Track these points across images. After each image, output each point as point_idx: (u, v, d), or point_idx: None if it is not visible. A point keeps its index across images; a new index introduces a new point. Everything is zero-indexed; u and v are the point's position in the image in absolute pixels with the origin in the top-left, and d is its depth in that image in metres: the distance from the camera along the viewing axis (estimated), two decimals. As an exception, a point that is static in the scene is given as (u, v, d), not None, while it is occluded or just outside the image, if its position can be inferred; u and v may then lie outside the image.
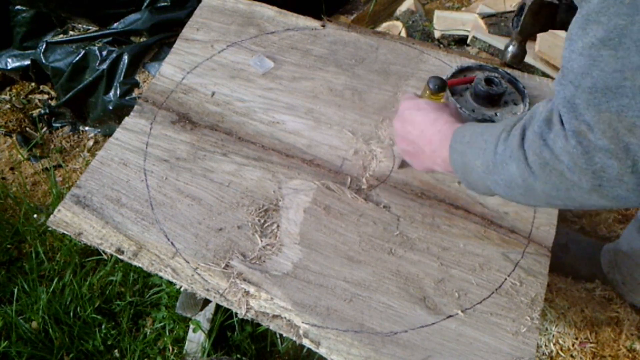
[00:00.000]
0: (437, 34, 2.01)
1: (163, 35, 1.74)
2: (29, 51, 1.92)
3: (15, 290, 1.41)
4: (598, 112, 0.52)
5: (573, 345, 1.30)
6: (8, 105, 1.96)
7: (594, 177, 0.55)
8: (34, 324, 1.36)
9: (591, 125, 0.53)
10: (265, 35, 1.25)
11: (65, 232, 0.93)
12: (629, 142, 0.51)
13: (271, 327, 0.85)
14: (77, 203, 0.97)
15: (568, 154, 0.56)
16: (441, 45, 1.92)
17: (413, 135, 0.87)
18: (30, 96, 2.02)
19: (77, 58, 1.75)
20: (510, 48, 1.03)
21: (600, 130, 0.52)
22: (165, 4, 1.75)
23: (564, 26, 0.98)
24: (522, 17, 0.95)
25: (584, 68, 0.52)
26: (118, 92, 1.70)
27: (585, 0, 0.52)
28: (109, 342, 1.34)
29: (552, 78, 1.42)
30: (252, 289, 0.87)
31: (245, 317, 0.86)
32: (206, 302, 1.08)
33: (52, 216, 0.95)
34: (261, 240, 0.93)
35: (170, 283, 1.22)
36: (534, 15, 0.97)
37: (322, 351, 0.82)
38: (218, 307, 1.25)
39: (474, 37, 1.88)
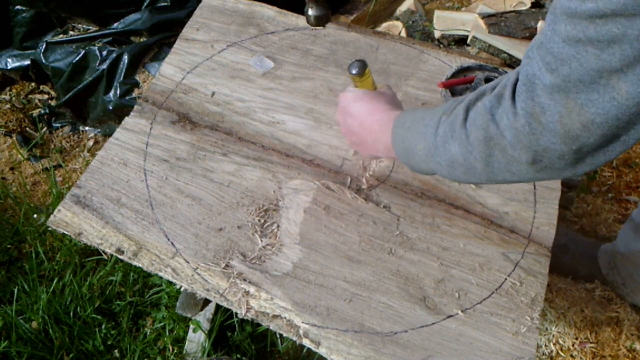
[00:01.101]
0: (437, 34, 2.01)
1: (163, 35, 1.74)
2: (29, 51, 1.92)
3: (15, 290, 1.41)
4: (566, 98, 0.54)
5: (573, 345, 1.30)
6: (8, 105, 1.96)
7: (535, 154, 0.58)
8: (34, 324, 1.35)
9: (545, 108, 0.55)
10: (265, 35, 1.25)
11: (65, 232, 0.93)
12: (580, 134, 0.54)
13: (271, 327, 0.85)
14: (77, 203, 0.97)
15: (513, 130, 0.58)
16: (441, 45, 1.92)
17: (354, 126, 0.89)
18: (30, 96, 2.02)
19: (77, 58, 1.75)
20: (310, 11, 0.99)
21: (559, 114, 0.54)
22: (165, 4, 1.75)
23: None
24: None
25: (565, 56, 0.53)
26: (118, 92, 1.70)
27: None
28: (109, 342, 1.34)
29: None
30: (252, 289, 0.87)
31: (245, 317, 0.86)
32: (206, 302, 1.08)
33: (52, 216, 0.95)
34: (261, 240, 0.93)
35: (170, 283, 1.21)
36: None
37: (322, 351, 0.82)
38: (218, 307, 1.25)
39: (474, 37, 1.88)
